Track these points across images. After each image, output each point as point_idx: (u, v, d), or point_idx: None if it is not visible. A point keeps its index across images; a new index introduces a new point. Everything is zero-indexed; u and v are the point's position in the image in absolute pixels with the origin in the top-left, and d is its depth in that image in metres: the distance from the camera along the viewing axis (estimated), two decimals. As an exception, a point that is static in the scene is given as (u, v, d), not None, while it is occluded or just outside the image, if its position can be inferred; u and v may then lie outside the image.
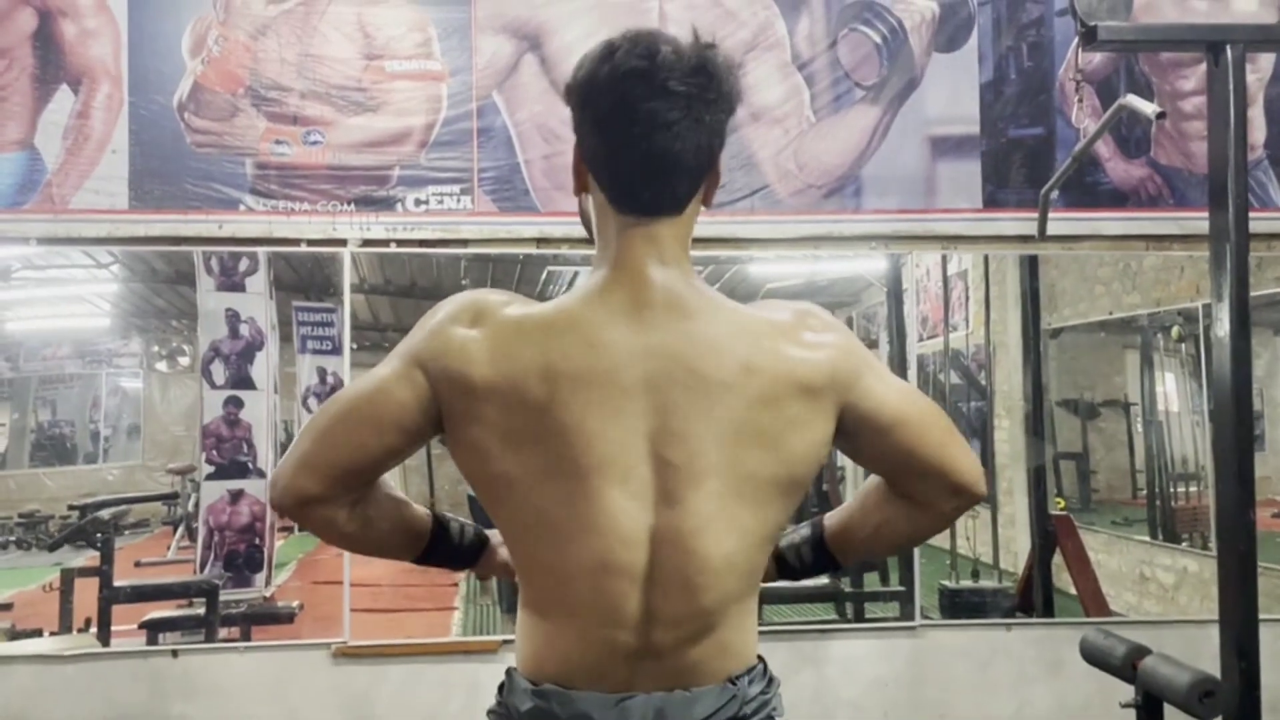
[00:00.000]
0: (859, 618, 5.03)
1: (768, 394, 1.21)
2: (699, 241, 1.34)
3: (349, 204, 3.69)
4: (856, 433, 1.27)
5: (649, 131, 1.20)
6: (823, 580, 5.68)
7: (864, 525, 1.41)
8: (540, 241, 3.75)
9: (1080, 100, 3.46)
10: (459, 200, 3.72)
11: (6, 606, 5.97)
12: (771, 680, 1.30)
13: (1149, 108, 2.83)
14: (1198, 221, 3.44)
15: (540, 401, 1.18)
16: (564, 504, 1.19)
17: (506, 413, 1.19)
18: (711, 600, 1.21)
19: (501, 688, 1.29)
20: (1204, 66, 2.84)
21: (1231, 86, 2.67)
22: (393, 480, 1.34)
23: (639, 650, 1.20)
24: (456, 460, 1.25)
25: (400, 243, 3.74)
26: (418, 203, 3.71)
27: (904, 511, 1.36)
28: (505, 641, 3.81)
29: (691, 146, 1.22)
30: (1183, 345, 5.93)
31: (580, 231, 1.37)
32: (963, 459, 1.32)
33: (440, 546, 1.41)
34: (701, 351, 1.20)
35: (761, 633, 1.32)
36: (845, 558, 1.45)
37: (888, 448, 1.29)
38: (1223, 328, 2.68)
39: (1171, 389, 6.34)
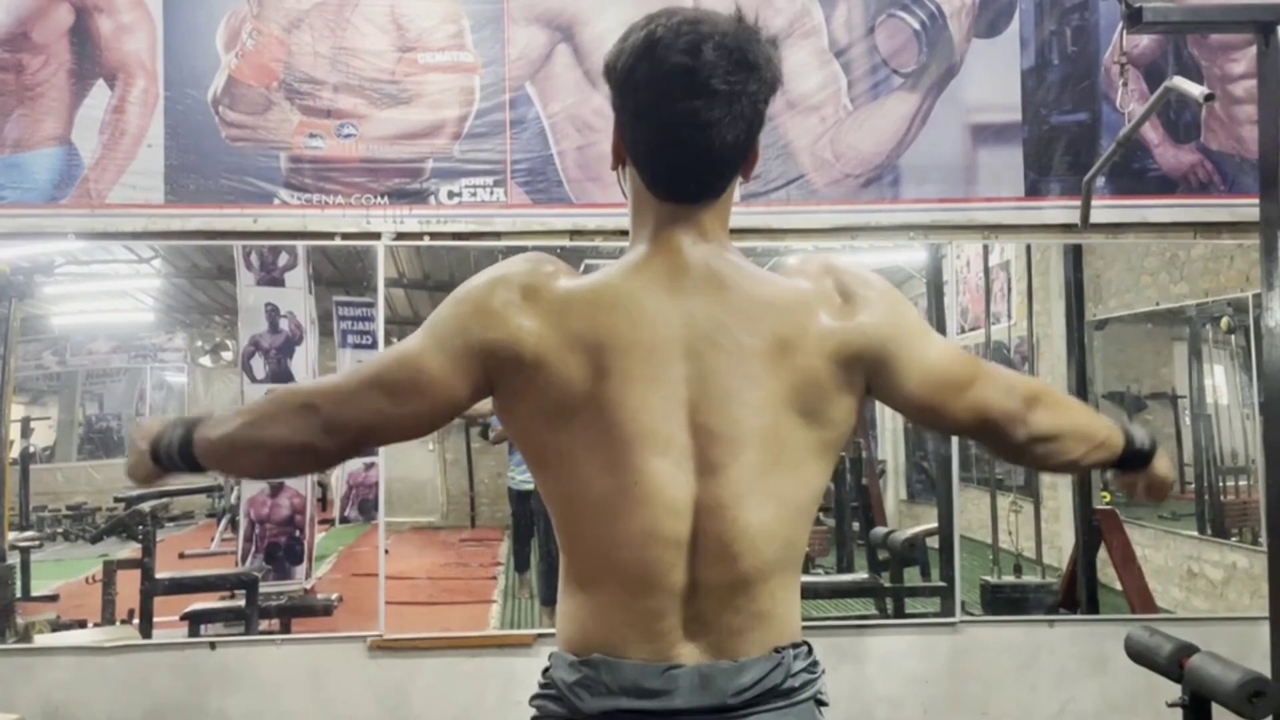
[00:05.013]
0: (899, 613, 4.96)
1: (804, 366, 1.22)
2: (734, 232, 1.33)
3: (382, 197, 3.69)
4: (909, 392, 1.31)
5: (690, 132, 1.22)
6: (862, 575, 5.63)
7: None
8: (574, 234, 3.72)
9: (1125, 84, 3.37)
10: (492, 192, 3.70)
11: (52, 598, 6.04)
12: (816, 663, 1.31)
13: (1196, 90, 2.75)
14: (1248, 209, 3.35)
15: (586, 377, 1.20)
16: (609, 475, 1.21)
17: (552, 389, 1.21)
18: (750, 567, 1.22)
19: (545, 671, 1.30)
20: (1255, 48, 2.75)
21: (1283, 68, 2.59)
22: (433, 472, 1.39)
23: (684, 619, 1.22)
24: (505, 427, 1.29)
25: (434, 235, 3.73)
26: (451, 195, 3.70)
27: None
28: (540, 635, 3.80)
29: (732, 141, 1.23)
30: (1232, 336, 5.78)
31: (614, 224, 1.40)
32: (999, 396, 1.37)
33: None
34: (739, 321, 1.22)
35: (801, 626, 1.30)
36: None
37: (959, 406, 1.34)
38: (1273, 318, 2.61)
39: (1221, 381, 6.20)
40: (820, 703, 1.29)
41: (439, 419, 1.29)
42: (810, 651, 1.30)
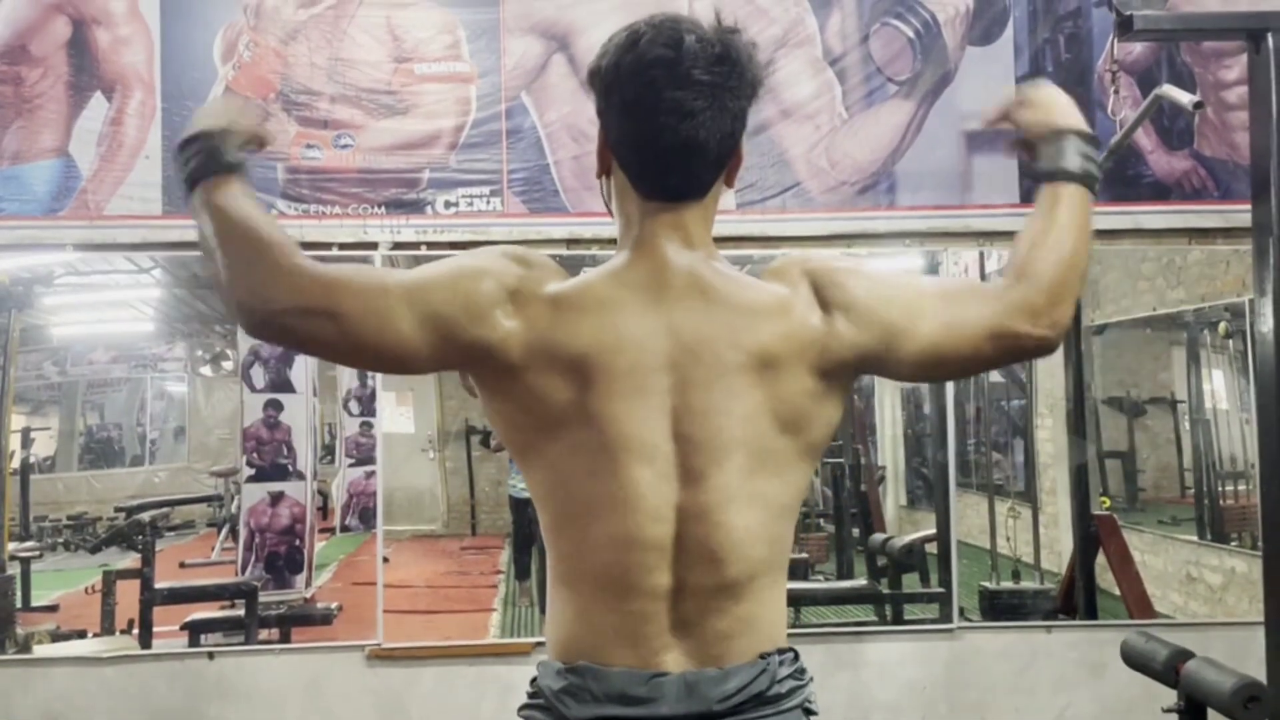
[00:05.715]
0: (897, 619, 4.96)
1: (786, 377, 1.23)
2: (730, 240, 1.35)
3: (379, 207, 3.70)
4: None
5: (674, 121, 1.22)
6: (861, 581, 5.63)
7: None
8: (570, 242, 3.73)
9: (1117, 92, 3.39)
10: (489, 202, 3.72)
11: (52, 608, 6.05)
12: (803, 670, 1.31)
13: (1186, 98, 2.76)
14: (1242, 215, 3.36)
15: (569, 387, 1.21)
16: (592, 480, 1.22)
17: (536, 396, 1.22)
18: (736, 571, 1.23)
19: (533, 680, 1.31)
20: (1246, 55, 2.77)
21: (1274, 75, 2.60)
22: (434, 481, 1.40)
23: (669, 624, 1.23)
24: (488, 418, 1.31)
25: (431, 245, 3.74)
26: (448, 205, 3.71)
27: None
28: (539, 643, 3.80)
29: (716, 134, 1.24)
30: (1230, 341, 5.80)
31: (610, 232, 1.39)
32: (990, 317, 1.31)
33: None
34: (721, 333, 1.23)
35: (798, 634, 1.32)
36: None
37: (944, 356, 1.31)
38: (1266, 323, 2.61)
39: (1219, 386, 6.21)
40: (808, 711, 1.29)
41: (378, 368, 1.33)
42: (797, 658, 1.30)
